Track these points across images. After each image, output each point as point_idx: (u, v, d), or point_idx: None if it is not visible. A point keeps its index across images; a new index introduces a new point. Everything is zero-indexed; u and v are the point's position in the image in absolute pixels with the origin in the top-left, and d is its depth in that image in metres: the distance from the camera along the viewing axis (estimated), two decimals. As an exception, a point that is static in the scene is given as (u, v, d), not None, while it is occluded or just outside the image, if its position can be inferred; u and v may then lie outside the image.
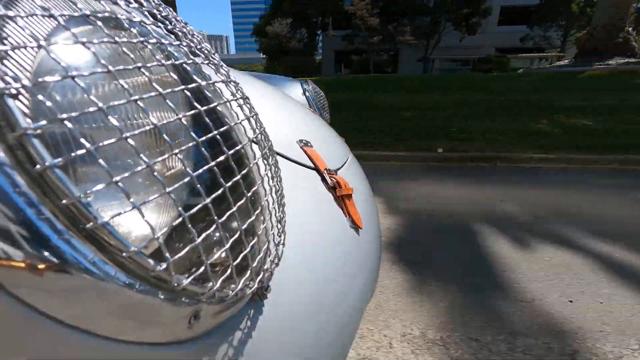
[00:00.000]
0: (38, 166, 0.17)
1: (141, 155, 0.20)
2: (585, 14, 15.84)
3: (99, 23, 0.22)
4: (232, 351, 0.29)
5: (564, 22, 16.62)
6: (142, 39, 0.25)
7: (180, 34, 0.32)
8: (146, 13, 0.30)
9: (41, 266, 0.18)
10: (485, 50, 19.77)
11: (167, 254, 0.21)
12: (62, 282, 0.18)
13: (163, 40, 0.27)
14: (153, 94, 0.23)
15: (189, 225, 0.22)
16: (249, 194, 0.30)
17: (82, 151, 0.18)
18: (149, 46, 0.25)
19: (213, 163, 0.26)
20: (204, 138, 0.26)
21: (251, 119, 0.36)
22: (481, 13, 16.96)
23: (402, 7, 17.29)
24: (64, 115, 0.17)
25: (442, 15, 16.92)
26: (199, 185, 0.24)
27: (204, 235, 0.24)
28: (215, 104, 0.30)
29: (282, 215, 0.38)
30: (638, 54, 7.85)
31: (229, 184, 0.27)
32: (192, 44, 0.32)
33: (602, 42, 7.88)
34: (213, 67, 0.35)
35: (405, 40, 17.13)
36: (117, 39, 0.22)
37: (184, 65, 0.29)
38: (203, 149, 0.25)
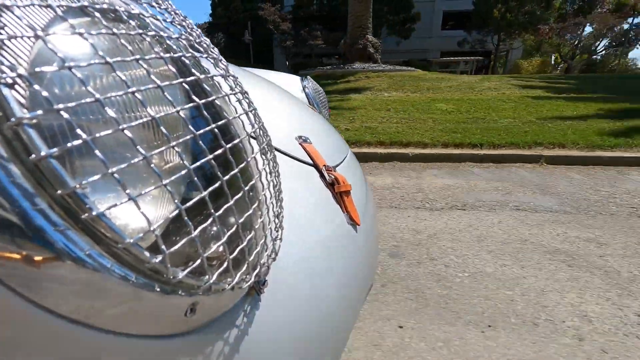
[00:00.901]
0: (33, 156, 0.17)
1: (138, 147, 0.20)
2: (505, 19, 16.63)
3: (97, 14, 0.22)
4: (228, 344, 0.29)
5: (493, 27, 17.37)
6: (140, 31, 0.25)
7: (179, 27, 0.32)
8: (145, 5, 0.30)
9: (37, 258, 0.18)
10: (432, 54, 20.29)
11: (163, 246, 0.21)
12: (58, 274, 0.18)
13: (162, 33, 0.27)
14: (151, 86, 0.23)
15: (185, 218, 0.22)
16: (247, 188, 0.30)
17: (79, 142, 0.18)
18: (148, 38, 0.25)
19: (210, 156, 0.26)
20: (201, 131, 0.26)
21: (250, 113, 0.36)
22: (409, 19, 17.65)
23: (311, 13, 18.33)
24: (60, 106, 0.17)
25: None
26: (195, 178, 0.24)
27: (200, 228, 0.24)
28: (213, 97, 0.30)
29: (279, 211, 0.38)
30: (377, 60, 9.02)
31: (227, 177, 0.27)
32: (191, 37, 0.32)
33: (348, 48, 9.14)
34: (212, 60, 0.35)
35: (316, 44, 17.97)
36: (115, 30, 0.22)
37: (183, 58, 0.29)
38: (201, 142, 0.25)
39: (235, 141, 0.31)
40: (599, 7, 18.49)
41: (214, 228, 0.27)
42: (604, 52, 23.00)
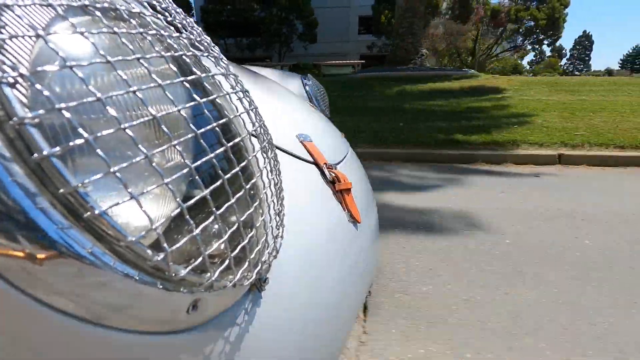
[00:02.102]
0: (36, 155, 0.17)
1: (139, 145, 0.20)
2: (391, 24, 17.24)
3: (98, 13, 0.22)
4: (230, 341, 0.30)
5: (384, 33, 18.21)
6: (141, 30, 0.25)
7: (180, 25, 0.32)
8: (145, 4, 0.30)
9: (40, 256, 0.18)
10: (351, 57, 20.61)
11: (165, 244, 0.21)
12: (61, 272, 0.19)
13: (162, 32, 0.27)
14: (152, 85, 0.23)
15: (187, 216, 0.23)
16: (248, 187, 0.30)
17: (80, 141, 0.18)
18: (149, 37, 0.25)
19: (212, 155, 0.26)
20: (202, 130, 0.26)
21: (250, 112, 0.36)
22: (311, 24, 18.34)
23: (221, 20, 18.53)
24: (62, 105, 0.17)
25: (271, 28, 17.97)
26: (197, 177, 0.24)
27: (202, 226, 0.24)
28: (214, 96, 0.30)
29: (280, 209, 0.38)
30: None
31: (228, 176, 0.27)
32: (191, 36, 0.32)
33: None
34: (213, 59, 0.35)
35: (227, 50, 18.61)
36: (116, 29, 0.22)
37: (184, 57, 0.29)
38: (202, 141, 0.25)
39: (236, 140, 0.31)
40: (474, 14, 19.50)
41: (216, 226, 0.27)
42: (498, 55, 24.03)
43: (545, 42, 22.61)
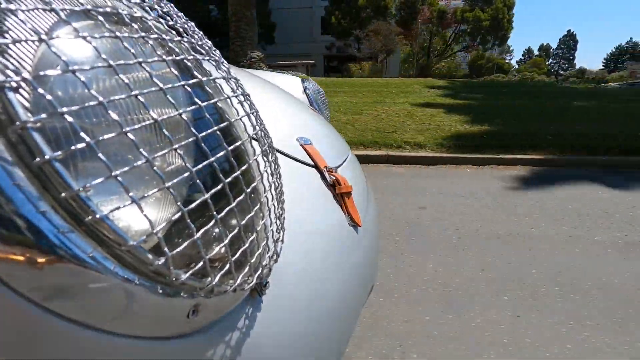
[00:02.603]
0: (38, 159, 0.17)
1: (141, 149, 0.20)
2: (341, 25, 18.25)
3: (101, 18, 0.22)
4: (231, 346, 0.30)
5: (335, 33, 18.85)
6: (143, 34, 0.25)
7: (181, 29, 0.32)
8: (147, 9, 0.30)
9: (41, 260, 0.18)
10: (316, 57, 20.93)
11: (166, 249, 0.21)
12: (62, 276, 0.19)
13: (164, 36, 0.27)
14: (153, 89, 0.23)
15: (188, 220, 0.23)
16: (248, 190, 0.30)
17: (82, 145, 0.18)
18: (150, 41, 0.25)
19: (213, 159, 0.26)
20: (204, 133, 0.26)
21: (251, 115, 0.36)
22: (267, 27, 18.74)
23: None
24: (64, 109, 0.17)
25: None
26: (198, 181, 0.24)
27: (202, 230, 0.24)
28: (215, 99, 0.30)
29: (281, 212, 0.38)
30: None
31: (229, 179, 0.27)
32: (193, 40, 0.32)
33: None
34: (214, 63, 0.35)
35: None
36: (118, 34, 0.22)
37: (185, 61, 0.29)
38: (203, 144, 0.25)
39: (237, 143, 0.31)
40: (420, 15, 20.34)
41: (216, 230, 0.27)
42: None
43: (494, 42, 23.35)
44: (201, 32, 0.37)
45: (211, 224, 0.25)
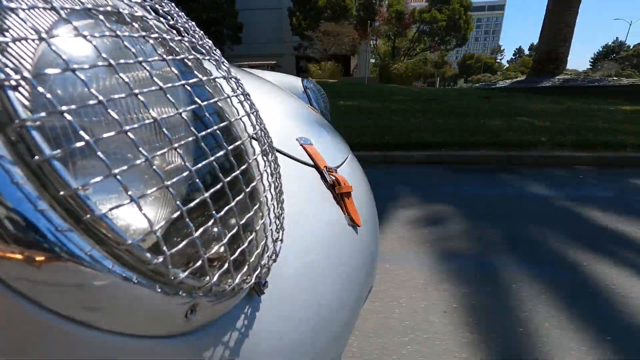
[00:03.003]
0: (36, 157, 0.17)
1: (140, 148, 0.20)
2: (301, 26, 18.79)
3: (101, 17, 0.22)
4: (229, 345, 0.30)
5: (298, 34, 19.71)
6: (143, 33, 0.25)
7: (182, 29, 0.32)
8: (148, 8, 0.30)
9: (39, 259, 0.18)
10: (287, 57, 21.93)
11: (164, 247, 0.21)
12: (60, 275, 0.19)
13: (165, 35, 0.27)
14: (153, 88, 0.23)
15: (187, 219, 0.23)
16: (248, 190, 0.30)
17: (81, 143, 0.18)
18: (151, 41, 0.25)
19: (212, 158, 0.26)
20: (203, 133, 0.26)
21: (251, 115, 0.36)
22: (234, 28, 19.35)
23: None
24: (64, 108, 0.17)
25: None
26: (197, 180, 0.24)
27: (201, 229, 0.24)
28: (215, 99, 0.30)
29: (280, 212, 0.38)
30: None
31: (228, 179, 0.27)
32: (193, 40, 0.33)
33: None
34: (214, 62, 0.35)
35: None
36: (118, 33, 0.22)
37: (185, 60, 0.29)
38: (203, 144, 0.25)
39: (237, 143, 0.31)
40: (378, 16, 21.17)
41: (215, 229, 0.27)
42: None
43: (457, 42, 24.15)
44: (202, 32, 0.37)
45: (210, 223, 0.25)
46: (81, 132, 0.18)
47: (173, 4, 0.34)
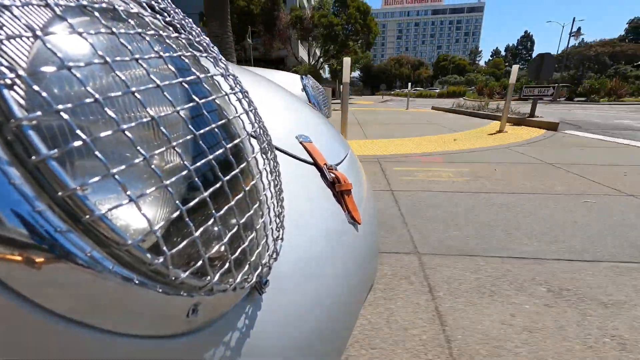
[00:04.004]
0: (33, 157, 0.17)
1: (138, 147, 0.20)
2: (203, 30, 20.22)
3: (96, 14, 0.22)
4: (230, 345, 0.29)
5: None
6: (139, 30, 0.25)
7: (178, 26, 0.32)
8: (144, 5, 0.30)
9: (39, 260, 0.17)
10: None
11: (165, 247, 0.21)
12: (60, 276, 0.18)
13: (161, 32, 0.27)
14: (150, 85, 0.23)
15: (187, 219, 0.22)
16: (247, 188, 0.30)
17: (79, 142, 0.18)
18: (147, 38, 0.25)
19: (211, 156, 0.26)
20: (202, 131, 0.26)
21: (250, 112, 0.36)
22: None
23: None
24: (60, 107, 0.17)
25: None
26: (196, 179, 0.24)
27: (201, 229, 0.24)
28: (213, 96, 0.30)
29: (280, 210, 0.38)
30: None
31: (227, 177, 0.27)
32: (190, 37, 0.32)
33: None
34: (212, 60, 0.34)
35: None
36: (114, 30, 0.22)
37: (182, 57, 0.29)
38: (201, 142, 0.25)
39: (236, 141, 0.31)
40: (278, 21, 21.88)
41: (215, 228, 0.27)
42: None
43: (364, 47, 24.95)
44: (199, 29, 0.36)
45: (210, 222, 0.25)
46: (78, 132, 0.18)
47: (169, 1, 0.33)
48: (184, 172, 0.23)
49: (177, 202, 0.22)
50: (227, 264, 0.26)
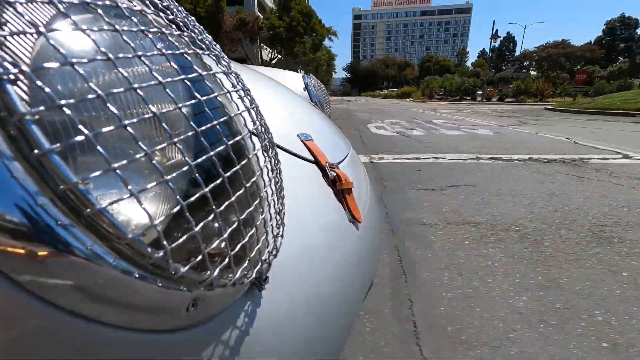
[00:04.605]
0: (36, 151, 0.17)
1: (139, 143, 0.20)
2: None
3: (100, 11, 0.22)
4: (229, 340, 0.30)
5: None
6: (142, 27, 0.25)
7: (181, 24, 0.32)
8: (147, 2, 0.30)
9: (40, 253, 0.18)
10: None
11: (165, 242, 0.21)
12: (61, 269, 0.19)
13: (164, 30, 0.27)
14: (153, 82, 0.23)
15: (187, 214, 0.23)
16: (248, 185, 0.30)
17: (81, 137, 0.18)
18: (150, 35, 0.25)
19: (212, 153, 0.26)
20: (203, 128, 0.26)
21: (251, 110, 0.36)
22: None
23: None
24: (63, 102, 0.17)
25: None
26: (197, 175, 0.24)
27: (202, 224, 0.24)
28: (215, 94, 0.30)
29: (281, 207, 0.38)
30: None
31: (228, 174, 0.27)
32: (193, 35, 0.32)
33: None
34: (214, 58, 0.35)
35: None
36: (117, 27, 0.22)
37: (185, 55, 0.29)
38: (203, 139, 0.25)
39: (237, 138, 0.31)
40: (222, 24, 22.49)
41: (216, 224, 0.27)
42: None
43: (314, 49, 26.49)
44: (201, 27, 0.37)
45: (210, 218, 0.25)
46: (80, 127, 0.18)
47: None
48: (185, 168, 0.24)
49: (178, 197, 0.22)
50: (227, 260, 0.27)
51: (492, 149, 4.09)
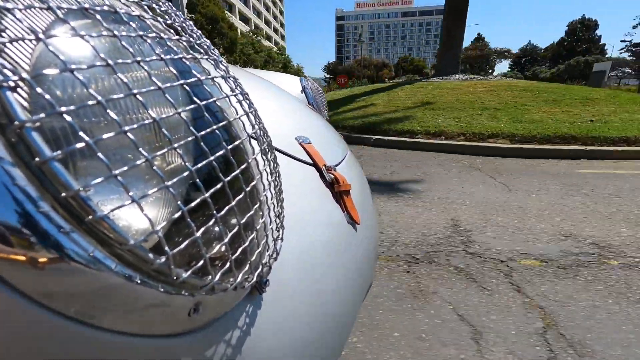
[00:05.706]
0: (37, 159, 0.17)
1: (140, 149, 0.20)
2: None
3: (98, 17, 0.22)
4: (231, 343, 0.30)
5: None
6: (141, 33, 0.25)
7: (179, 28, 0.32)
8: (145, 7, 0.30)
9: (42, 260, 0.18)
10: None
11: (167, 247, 0.21)
12: (63, 276, 0.19)
13: (162, 35, 0.27)
14: (152, 88, 0.23)
15: (188, 219, 0.23)
16: (248, 189, 0.30)
17: (81, 144, 0.18)
18: (149, 40, 0.25)
19: (212, 157, 0.26)
20: (203, 133, 0.26)
21: (250, 114, 0.36)
22: None
23: None
24: (63, 109, 0.17)
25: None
26: (197, 180, 0.24)
27: (203, 229, 0.24)
28: (214, 98, 0.30)
29: (280, 211, 0.38)
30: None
31: (228, 178, 0.27)
32: (191, 39, 0.32)
33: None
34: (212, 62, 0.35)
35: None
36: (116, 32, 0.22)
37: (184, 60, 0.29)
38: (202, 143, 0.25)
39: (236, 142, 0.31)
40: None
41: (216, 229, 0.27)
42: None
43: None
44: (199, 32, 0.37)
45: (211, 222, 0.25)
46: (81, 133, 0.18)
47: (170, 4, 0.34)
48: (186, 173, 0.24)
49: (179, 202, 0.22)
50: (228, 264, 0.27)
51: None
